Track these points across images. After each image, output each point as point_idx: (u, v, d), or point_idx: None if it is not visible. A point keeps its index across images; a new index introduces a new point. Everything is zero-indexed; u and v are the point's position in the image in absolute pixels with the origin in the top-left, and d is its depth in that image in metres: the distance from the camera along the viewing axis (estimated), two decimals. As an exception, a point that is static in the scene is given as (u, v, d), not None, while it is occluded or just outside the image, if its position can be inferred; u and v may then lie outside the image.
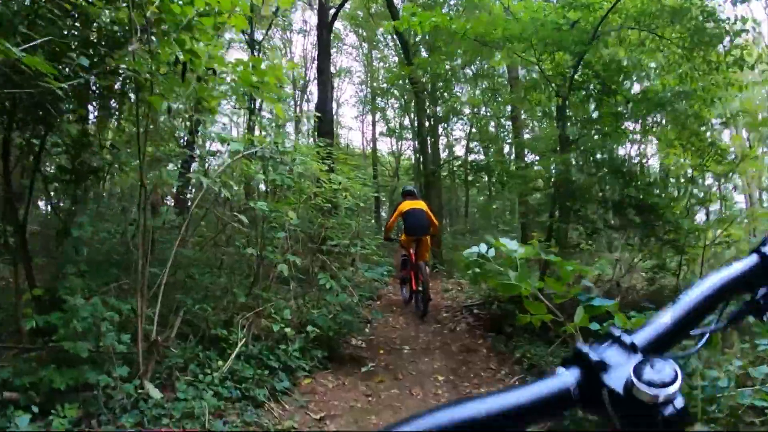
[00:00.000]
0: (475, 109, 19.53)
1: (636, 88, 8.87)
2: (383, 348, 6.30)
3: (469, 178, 22.10)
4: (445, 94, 17.74)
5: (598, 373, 0.50)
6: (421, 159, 15.74)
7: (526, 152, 12.82)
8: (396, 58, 24.77)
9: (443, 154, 22.11)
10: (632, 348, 0.52)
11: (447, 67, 14.12)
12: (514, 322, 4.73)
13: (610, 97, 7.18)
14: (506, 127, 19.32)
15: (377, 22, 23.02)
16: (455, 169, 23.30)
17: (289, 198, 5.79)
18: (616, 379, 0.49)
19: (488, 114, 21.14)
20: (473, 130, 23.12)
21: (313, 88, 23.91)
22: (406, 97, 25.61)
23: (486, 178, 29.69)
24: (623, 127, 7.75)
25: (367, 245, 7.29)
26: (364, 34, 29.34)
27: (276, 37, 27.26)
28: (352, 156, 30.18)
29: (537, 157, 10.69)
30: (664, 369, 0.47)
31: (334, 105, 37.35)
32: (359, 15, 27.75)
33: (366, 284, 7.91)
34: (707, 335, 0.63)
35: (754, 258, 0.67)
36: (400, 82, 25.94)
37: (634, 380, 0.46)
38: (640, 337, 0.56)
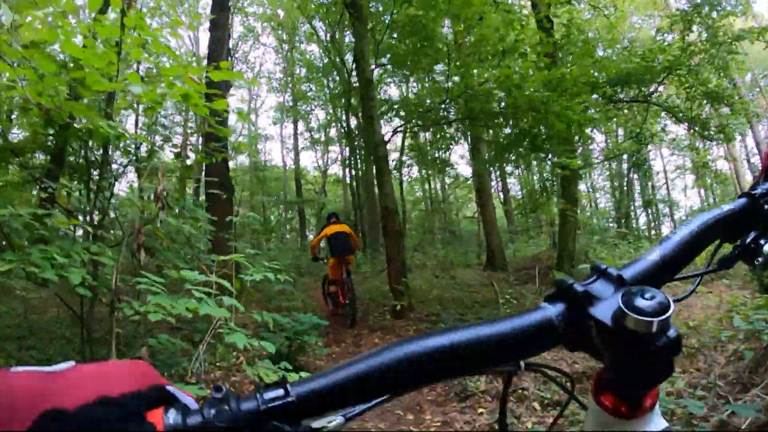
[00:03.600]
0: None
1: None
2: None
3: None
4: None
5: (585, 306, 0.45)
6: (361, 125, 11.12)
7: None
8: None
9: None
10: (619, 280, 0.47)
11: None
12: None
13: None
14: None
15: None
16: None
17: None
18: (603, 311, 0.43)
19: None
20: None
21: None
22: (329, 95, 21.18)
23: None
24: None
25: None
26: (284, 36, 25.30)
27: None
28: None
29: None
30: (655, 297, 0.41)
31: (252, 116, 32.73)
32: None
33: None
34: (700, 278, 0.60)
35: (743, 201, 0.61)
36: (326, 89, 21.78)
37: (625, 309, 0.40)
38: (627, 272, 0.50)
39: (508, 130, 10.11)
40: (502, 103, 7.32)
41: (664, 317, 0.39)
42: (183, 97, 3.18)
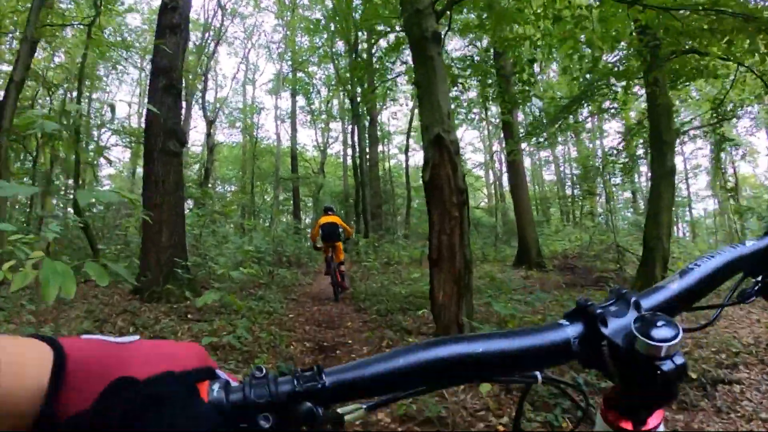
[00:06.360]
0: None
1: None
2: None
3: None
4: None
5: (600, 327, 0.45)
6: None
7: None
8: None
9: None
10: (636, 306, 0.47)
11: None
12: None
13: None
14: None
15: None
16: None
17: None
18: (616, 333, 0.44)
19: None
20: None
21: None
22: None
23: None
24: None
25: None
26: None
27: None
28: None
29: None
30: (666, 324, 0.42)
31: (249, 88, 29.21)
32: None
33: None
34: (720, 310, 0.58)
35: None
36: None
37: (636, 333, 0.42)
38: (645, 298, 0.50)
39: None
40: None
41: (672, 343, 0.40)
42: None
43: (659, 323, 0.41)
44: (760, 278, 0.59)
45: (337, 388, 0.39)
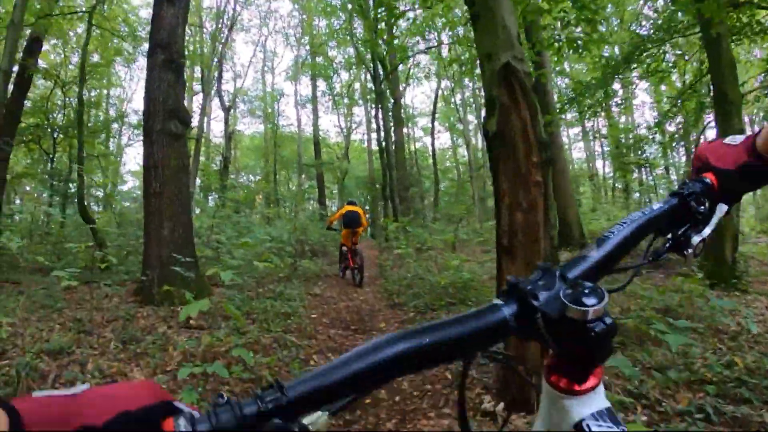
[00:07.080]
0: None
1: None
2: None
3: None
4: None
5: (532, 301, 0.47)
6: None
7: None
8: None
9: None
10: (562, 278, 0.49)
11: None
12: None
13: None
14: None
15: None
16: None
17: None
18: (548, 304, 0.46)
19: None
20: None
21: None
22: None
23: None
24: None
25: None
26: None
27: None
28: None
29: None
30: (592, 291, 0.45)
31: (269, 76, 28.49)
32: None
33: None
34: (636, 270, 0.60)
35: (673, 200, 0.64)
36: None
37: (565, 301, 0.44)
38: (569, 270, 0.52)
39: None
40: None
41: (599, 306, 0.42)
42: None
43: (586, 290, 0.44)
44: (669, 236, 0.62)
45: (301, 400, 0.39)
